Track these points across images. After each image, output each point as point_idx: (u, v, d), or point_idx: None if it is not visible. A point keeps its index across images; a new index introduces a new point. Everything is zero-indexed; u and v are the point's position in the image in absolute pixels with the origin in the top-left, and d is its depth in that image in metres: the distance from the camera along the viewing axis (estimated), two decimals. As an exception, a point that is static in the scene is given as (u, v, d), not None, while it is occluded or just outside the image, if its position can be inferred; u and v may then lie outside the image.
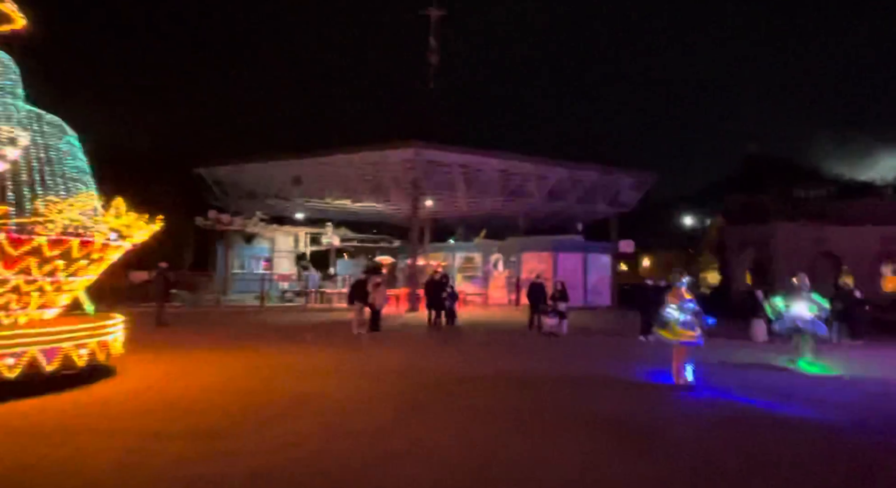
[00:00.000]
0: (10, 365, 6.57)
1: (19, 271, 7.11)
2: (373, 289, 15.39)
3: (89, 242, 7.57)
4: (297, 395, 7.56)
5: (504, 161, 28.63)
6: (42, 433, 5.57)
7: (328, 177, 30.01)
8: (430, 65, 33.61)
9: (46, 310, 8.08)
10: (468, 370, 9.91)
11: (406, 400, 7.43)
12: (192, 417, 6.32)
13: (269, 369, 9.52)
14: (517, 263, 30.74)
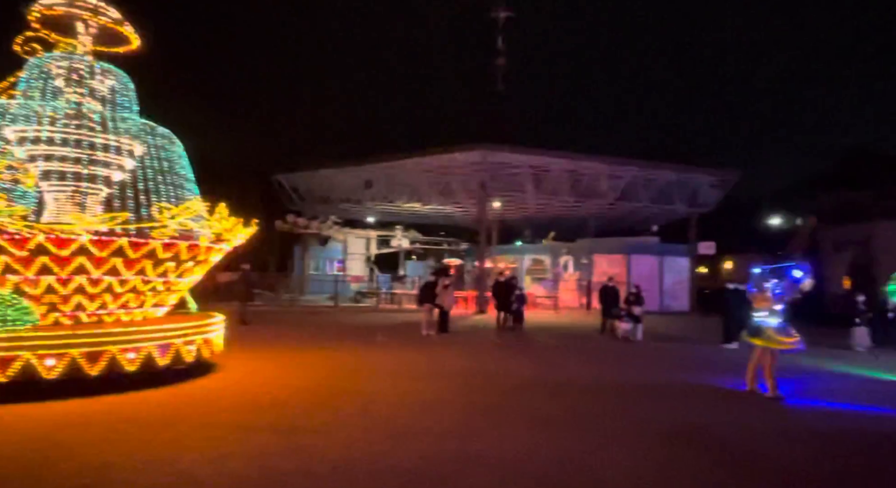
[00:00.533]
0: (131, 359, 7.31)
1: (137, 272, 7.91)
2: (441, 290, 15.56)
3: (196, 245, 8.30)
4: (370, 395, 7.79)
5: (573, 161, 28.02)
6: (147, 423, 6.10)
7: (398, 181, 30.79)
8: (497, 67, 33.54)
9: (158, 309, 8.89)
10: (537, 374, 9.77)
11: (475, 404, 7.43)
12: (275, 413, 6.67)
13: (345, 368, 9.88)
14: (588, 266, 29.92)
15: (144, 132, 8.63)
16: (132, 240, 7.60)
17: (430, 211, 33.30)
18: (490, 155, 26.91)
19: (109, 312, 8.13)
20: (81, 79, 8.46)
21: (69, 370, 6.93)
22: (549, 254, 32.00)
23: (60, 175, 8.21)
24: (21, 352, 6.71)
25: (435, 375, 9.36)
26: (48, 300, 7.51)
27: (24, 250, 7.03)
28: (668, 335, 17.56)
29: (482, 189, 27.54)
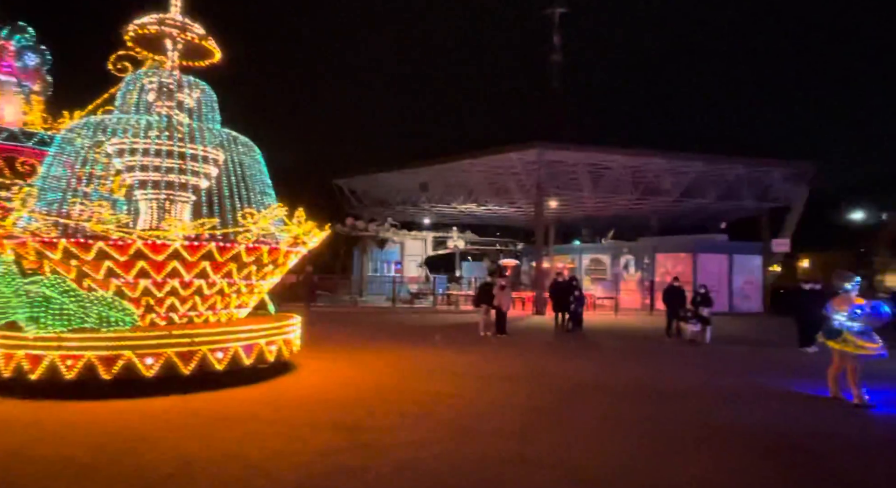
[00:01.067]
0: (220, 358, 7.70)
1: (224, 275, 8.31)
2: (498, 291, 15.47)
3: (276, 249, 8.63)
4: (431, 395, 7.85)
5: (633, 157, 27.12)
6: (226, 418, 6.39)
7: (453, 182, 30.85)
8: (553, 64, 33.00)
9: (241, 310, 9.30)
10: (599, 377, 9.55)
11: (535, 406, 7.36)
12: (342, 411, 6.83)
13: (405, 368, 9.99)
14: (651, 265, 28.90)
15: (228, 141, 9.01)
16: (220, 245, 7.95)
17: (486, 211, 33.17)
18: (546, 153, 26.46)
19: (198, 314, 8.54)
20: (171, 92, 8.95)
21: (166, 368, 7.33)
22: (608, 254, 31.15)
23: (153, 184, 8.71)
24: (124, 352, 7.16)
25: (495, 376, 9.33)
26: (145, 302, 7.97)
27: (125, 255, 7.50)
28: (739, 337, 16.68)
29: (538, 188, 27.15)
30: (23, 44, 11.04)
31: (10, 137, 10.12)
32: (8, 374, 7.09)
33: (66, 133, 8.56)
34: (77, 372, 7.01)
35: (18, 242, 7.42)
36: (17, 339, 7.09)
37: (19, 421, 6.11)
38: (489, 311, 15.51)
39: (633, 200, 28.89)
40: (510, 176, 28.99)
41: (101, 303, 7.42)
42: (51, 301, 7.21)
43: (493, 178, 29.93)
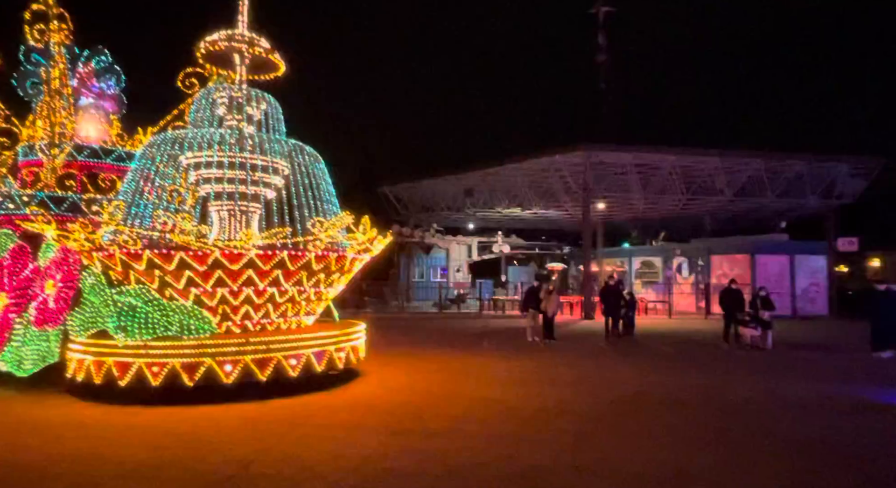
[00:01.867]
0: (294, 365, 7.85)
1: (294, 283, 8.49)
2: (545, 296, 15.22)
3: (343, 256, 8.76)
4: (481, 400, 7.79)
5: (684, 156, 26.26)
6: (288, 423, 6.53)
7: (497, 187, 30.70)
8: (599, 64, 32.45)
9: (309, 317, 9.47)
10: (654, 383, 9.24)
11: (588, 413, 7.20)
12: (393, 415, 6.89)
13: (457, 374, 9.94)
14: (705, 267, 27.83)
15: (294, 152, 9.20)
16: (291, 253, 8.11)
17: (531, 215, 32.83)
18: (593, 155, 25.96)
19: (270, 321, 8.73)
20: (240, 106, 9.22)
21: (244, 375, 7.50)
22: (660, 256, 30.20)
23: (226, 195, 8.97)
24: (205, 359, 7.37)
25: (544, 383, 9.21)
26: (221, 310, 8.19)
27: (203, 265, 7.74)
28: (804, 342, 15.79)
29: (585, 190, 26.66)
30: (101, 66, 11.66)
31: (91, 154, 10.67)
32: (99, 381, 7.41)
33: (145, 149, 8.93)
34: (162, 379, 7.25)
35: (107, 254, 7.77)
36: (107, 347, 7.41)
37: (100, 425, 6.40)
38: (536, 316, 15.32)
39: (685, 201, 27.96)
40: (556, 178, 28.59)
41: (182, 312, 7.68)
42: (136, 310, 7.50)
43: (538, 182, 29.61)
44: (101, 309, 7.59)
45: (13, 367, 8.06)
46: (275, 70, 9.74)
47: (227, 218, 9.15)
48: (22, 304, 8.39)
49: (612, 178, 27.55)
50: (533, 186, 29.87)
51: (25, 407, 7.18)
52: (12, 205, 9.67)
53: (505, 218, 33.72)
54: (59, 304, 7.82)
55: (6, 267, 8.93)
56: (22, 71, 11.13)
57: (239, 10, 9.39)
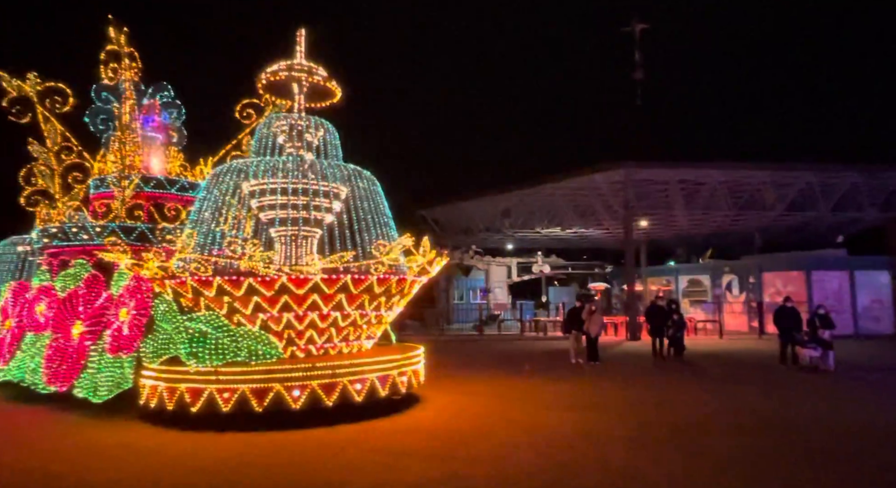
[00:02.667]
0: (359, 390, 7.80)
1: (357, 307, 8.51)
2: (587, 316, 14.91)
3: (403, 279, 8.76)
4: (525, 425, 7.63)
5: (730, 172, 25.56)
6: (330, 446, 6.52)
7: (536, 207, 30.48)
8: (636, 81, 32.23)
9: (369, 341, 9.45)
10: (708, 407, 8.84)
11: (637, 438, 6.92)
12: (437, 441, 6.82)
13: (500, 397, 9.73)
14: (757, 285, 26.76)
15: (352, 176, 9.32)
16: (354, 277, 8.14)
17: (571, 235, 32.40)
18: (633, 172, 25.54)
19: (333, 345, 8.73)
20: (299, 134, 9.44)
21: (311, 400, 7.48)
22: (708, 274, 29.23)
23: (287, 221, 9.13)
24: (273, 384, 7.39)
25: (590, 407, 8.97)
26: (287, 335, 8.25)
27: (271, 290, 7.83)
28: (868, 363, 14.85)
29: (626, 209, 26.21)
30: (164, 101, 12.21)
31: (157, 185, 11.10)
32: (171, 407, 7.51)
33: (211, 178, 9.21)
34: (232, 405, 7.29)
35: (179, 281, 7.96)
36: (179, 373, 7.52)
37: (164, 451, 6.45)
38: (579, 337, 15.04)
39: (732, 216, 27.13)
40: (596, 197, 28.21)
41: (250, 338, 7.75)
42: (207, 336, 7.61)
43: (577, 201, 29.27)
44: (173, 335, 7.74)
45: (89, 394, 8.26)
46: (331, 97, 9.97)
47: (289, 243, 9.28)
48: (97, 332, 8.64)
49: (655, 196, 27.00)
50: (572, 205, 29.52)
51: (96, 432, 7.33)
52: (86, 236, 10.09)
53: (544, 238, 33.37)
54: (132, 331, 8.02)
55: (81, 296, 9.25)
56: (93, 108, 11.75)
57: (297, 41, 9.69)
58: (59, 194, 11.53)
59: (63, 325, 9.20)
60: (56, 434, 7.47)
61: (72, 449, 6.74)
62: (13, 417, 8.52)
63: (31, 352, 9.69)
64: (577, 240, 34.27)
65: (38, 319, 9.81)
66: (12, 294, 10.68)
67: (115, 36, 10.91)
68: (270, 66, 9.50)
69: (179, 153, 12.24)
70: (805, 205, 25.69)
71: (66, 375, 8.66)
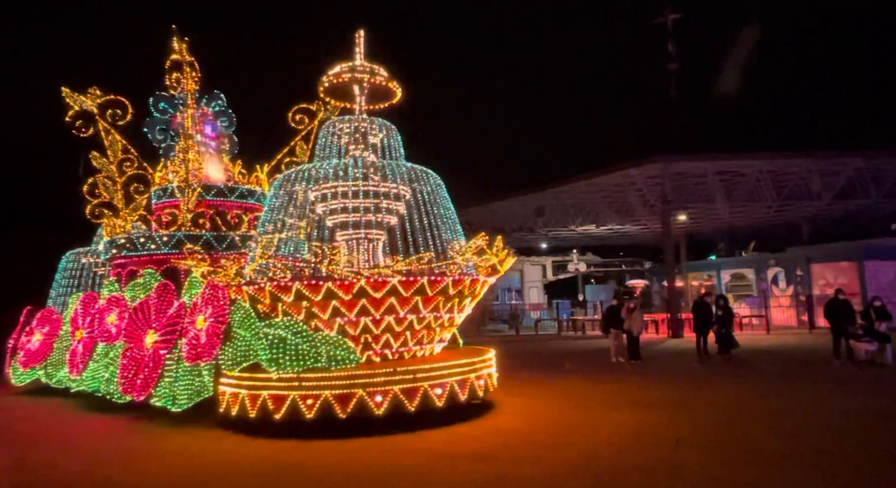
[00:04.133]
0: (439, 394, 7.66)
1: (431, 309, 8.37)
2: (627, 314, 14.72)
3: (476, 280, 8.61)
4: (565, 425, 7.54)
5: (772, 161, 24.82)
6: (413, 453, 6.36)
7: (570, 205, 30.09)
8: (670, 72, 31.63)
9: (439, 345, 9.31)
10: (758, 405, 8.56)
11: (684, 439, 6.72)
12: (521, 445, 6.71)
13: (544, 399, 9.54)
14: (805, 277, 25.94)
15: (417, 177, 9.20)
16: (431, 279, 8.01)
17: (607, 231, 31.92)
18: (670, 166, 25.00)
19: (408, 349, 8.62)
20: (362, 136, 9.36)
21: (393, 406, 7.37)
22: (752, 268, 28.45)
23: (353, 224, 9.06)
24: (356, 390, 7.29)
25: (634, 406, 8.79)
26: (363, 339, 8.16)
27: (349, 294, 7.75)
28: None
29: (664, 203, 25.67)
30: (217, 109, 12.31)
31: (218, 193, 11.18)
32: (254, 415, 7.47)
33: (278, 183, 9.20)
34: (316, 412, 7.22)
35: (257, 288, 7.94)
36: (261, 380, 7.49)
37: (247, 461, 6.36)
38: (619, 336, 14.83)
39: (776, 207, 26.35)
40: (632, 192, 27.71)
41: (328, 343, 7.69)
42: (286, 342, 7.57)
43: (612, 197, 28.82)
44: (252, 342, 7.71)
45: (167, 402, 8.30)
46: (392, 97, 9.88)
47: (355, 246, 9.21)
48: (171, 340, 8.69)
49: (693, 188, 26.40)
50: (607, 202, 29.07)
51: (181, 440, 7.35)
52: (154, 245, 10.19)
53: (579, 235, 32.93)
54: (211, 339, 8.02)
55: (152, 305, 9.33)
56: (151, 119, 11.89)
57: (356, 43, 9.62)
58: (122, 205, 11.69)
59: (135, 335, 9.28)
60: (139, 443, 7.50)
61: (160, 458, 6.76)
62: (93, 426, 8.61)
63: (104, 362, 9.82)
64: (613, 237, 33.72)
65: (109, 329, 9.94)
66: (82, 305, 10.85)
67: (178, 45, 11.03)
68: (332, 68, 9.45)
69: (238, 161, 12.32)
70: (854, 193, 24.80)
71: (142, 385, 8.71)
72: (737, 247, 31.42)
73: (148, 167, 11.94)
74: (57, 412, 9.79)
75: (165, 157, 11.85)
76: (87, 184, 11.76)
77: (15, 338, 12.26)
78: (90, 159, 11.79)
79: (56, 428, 8.59)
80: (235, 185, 11.55)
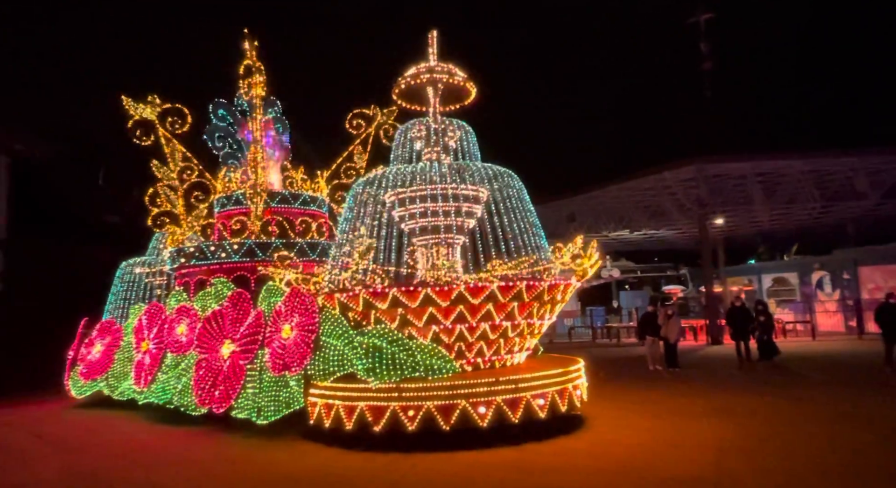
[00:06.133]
0: (541, 405, 7.25)
1: (525, 316, 8.02)
2: (663, 321, 14.48)
3: (569, 284, 8.25)
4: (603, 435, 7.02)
5: (814, 160, 24.22)
6: (524, 470, 6.00)
7: (602, 210, 29.69)
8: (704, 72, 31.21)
9: (524, 353, 8.91)
10: (803, 414, 8.27)
11: (729, 448, 6.55)
12: (633, 459, 6.24)
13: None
14: (853, 281, 25.21)
15: (495, 177, 8.89)
16: (529, 284, 7.66)
17: (641, 236, 31.37)
18: (705, 168, 24.53)
19: (500, 357, 8.26)
20: (438, 137, 9.09)
21: (496, 417, 6.99)
22: (795, 271, 27.77)
23: (431, 229, 8.75)
24: (459, 400, 6.93)
25: (673, 414, 8.54)
26: (457, 347, 7.81)
27: (447, 300, 7.42)
28: None
29: (701, 206, 25.17)
30: (273, 115, 12.15)
31: (282, 200, 10.97)
32: (350, 427, 7.13)
33: (355, 189, 8.94)
34: (418, 424, 6.87)
35: (349, 295, 7.64)
36: (358, 391, 7.15)
37: (360, 476, 6.02)
38: (656, 343, 14.57)
39: (819, 209, 25.69)
40: (666, 196, 27.24)
41: (424, 351, 7.35)
42: (382, 351, 7.25)
43: (646, 201, 28.36)
44: (345, 351, 7.40)
45: (251, 415, 7.99)
46: (466, 97, 9.61)
47: (434, 251, 8.90)
48: (252, 351, 8.40)
49: (730, 191, 25.88)
50: (641, 206, 28.61)
51: (272, 455, 6.99)
52: (224, 253, 9.95)
53: (612, 241, 32.43)
54: (301, 349, 7.72)
55: (226, 314, 9.07)
56: (211, 125, 11.75)
57: (429, 43, 9.39)
58: (183, 214, 11.51)
59: (210, 345, 9.02)
60: (232, 455, 7.19)
61: (259, 468, 6.46)
62: (176, 439, 8.29)
63: (175, 373, 9.56)
64: (647, 242, 33.17)
65: (179, 340, 9.69)
66: (147, 316, 10.63)
67: (249, 50, 10.88)
68: (407, 70, 9.21)
69: (301, 167, 12.11)
70: (905, 192, 24.10)
71: (221, 396, 8.42)
72: (778, 251, 30.70)
73: (208, 175, 11.77)
74: (131, 425, 9.50)
75: (225, 165, 11.67)
76: (149, 193, 11.60)
77: (74, 349, 12.08)
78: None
79: (138, 441, 8.29)
80: (299, 192, 11.33)
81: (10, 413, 11.03)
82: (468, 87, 9.35)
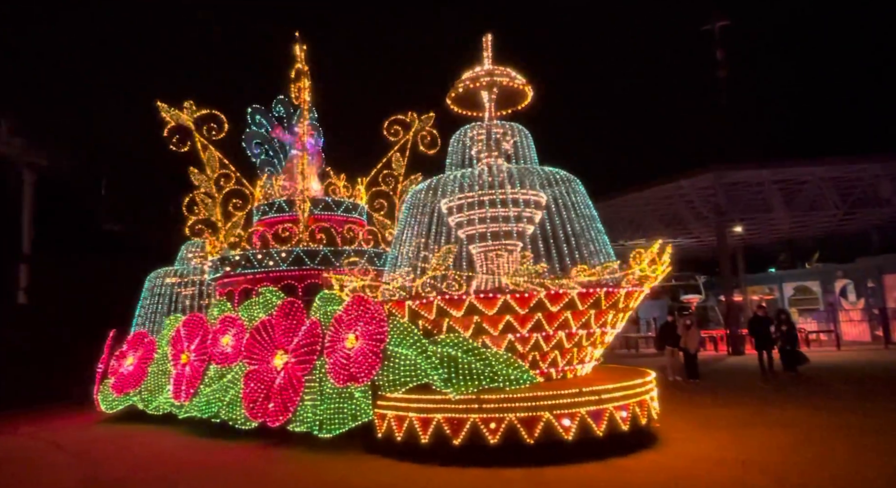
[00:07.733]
0: (624, 417, 6.88)
1: (601, 324, 7.69)
2: (683, 331, 14.27)
3: (642, 291, 7.92)
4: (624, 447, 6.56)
5: (835, 166, 24.08)
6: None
7: (617, 219, 29.46)
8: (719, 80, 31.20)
9: (591, 363, 8.54)
10: (832, 424, 8.01)
11: (754, 461, 6.31)
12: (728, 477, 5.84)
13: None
14: (877, 289, 24.94)
15: (555, 181, 8.60)
16: (607, 291, 7.33)
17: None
18: (723, 176, 24.37)
19: (571, 368, 7.89)
20: (494, 142, 8.81)
21: (581, 430, 6.61)
22: (817, 280, 27.49)
23: (488, 235, 8.43)
24: (543, 412, 6.55)
25: (697, 426, 8.25)
26: (531, 357, 7.45)
27: (525, 308, 7.07)
28: None
29: (719, 214, 24.97)
30: (312, 123, 11.88)
31: (325, 207, 10.66)
32: (426, 440, 6.73)
33: (412, 196, 8.65)
34: (500, 437, 6.48)
35: (421, 302, 7.28)
36: (435, 403, 6.76)
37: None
38: (676, 353, 14.38)
39: (841, 216, 25.50)
40: (683, 204, 27.05)
41: (500, 361, 6.98)
42: (457, 360, 6.88)
43: (662, 210, 28.19)
44: (417, 361, 7.02)
45: (312, 428, 7.58)
46: (522, 100, 9.35)
47: (493, 258, 8.57)
48: (310, 361, 8.01)
49: (749, 199, 25.71)
50: (657, 215, 28.42)
51: (343, 471, 6.58)
52: (272, 261, 9.60)
53: (628, 250, 32.14)
54: (367, 358, 7.33)
55: (276, 323, 8.69)
56: (248, 132, 11.47)
57: (484, 47, 9.17)
58: (221, 222, 11.17)
59: (260, 356, 8.62)
60: (293, 472, 6.75)
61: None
62: (225, 453, 7.81)
63: (220, 385, 9.14)
64: (663, 251, 32.82)
65: (224, 351, 9.29)
66: (185, 327, 10.23)
67: (299, 54, 10.63)
68: (466, 72, 8.97)
69: (342, 174, 11.81)
70: (930, 198, 23.92)
71: (277, 409, 8.01)
72: (799, 259, 30.45)
73: (246, 182, 11.45)
74: (168, 439, 9.05)
75: (262, 172, 11.37)
76: (186, 201, 11.27)
77: (104, 362, 11.63)
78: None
79: (191, 459, 7.82)
80: (341, 199, 11.02)
81: (36, 425, 10.63)
82: (525, 90, 9.10)
